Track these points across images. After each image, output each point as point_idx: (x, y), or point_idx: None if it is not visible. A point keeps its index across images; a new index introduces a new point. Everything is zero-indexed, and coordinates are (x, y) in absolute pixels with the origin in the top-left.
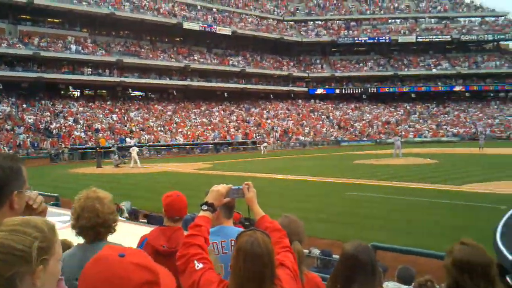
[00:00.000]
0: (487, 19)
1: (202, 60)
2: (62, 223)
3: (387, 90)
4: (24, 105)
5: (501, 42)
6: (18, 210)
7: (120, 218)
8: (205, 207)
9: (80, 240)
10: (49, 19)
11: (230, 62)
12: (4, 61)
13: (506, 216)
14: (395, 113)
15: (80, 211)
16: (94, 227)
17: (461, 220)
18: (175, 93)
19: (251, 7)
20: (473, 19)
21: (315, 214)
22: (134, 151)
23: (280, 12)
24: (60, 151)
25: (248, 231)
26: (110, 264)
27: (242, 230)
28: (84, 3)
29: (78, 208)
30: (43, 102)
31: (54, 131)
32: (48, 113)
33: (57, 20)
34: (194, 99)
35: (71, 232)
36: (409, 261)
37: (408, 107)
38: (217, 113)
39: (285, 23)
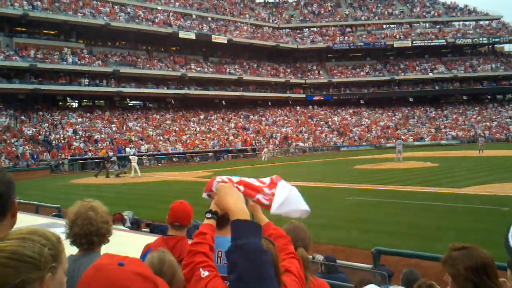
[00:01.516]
0: (481, 22)
1: (199, 68)
2: (64, 234)
3: (385, 95)
4: (23, 117)
5: (495, 45)
6: (16, 216)
7: (123, 227)
8: (209, 215)
9: (73, 251)
10: (44, 31)
11: (227, 70)
12: (1, 74)
13: None
14: (393, 118)
15: (74, 219)
16: (87, 235)
17: (463, 222)
18: (173, 102)
19: (246, 15)
20: (467, 23)
21: (318, 219)
22: (134, 160)
23: (275, 20)
24: (60, 162)
25: None
26: (110, 273)
27: None
28: (79, 14)
29: (72, 216)
30: (41, 113)
31: (54, 142)
32: (47, 124)
33: (53, 32)
34: (192, 107)
35: (67, 241)
36: (413, 264)
37: (406, 111)
38: (215, 121)
39: (281, 30)
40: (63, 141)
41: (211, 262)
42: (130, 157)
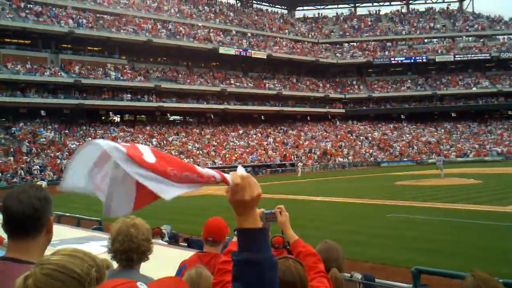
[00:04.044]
0: None
1: (238, 84)
2: (104, 247)
3: (426, 110)
4: (67, 131)
5: None
6: (52, 233)
7: (161, 241)
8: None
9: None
10: (89, 48)
11: (266, 85)
12: (47, 89)
13: None
14: (435, 133)
15: (115, 235)
16: (127, 251)
17: (508, 242)
18: (212, 117)
19: (286, 31)
20: None
21: (357, 236)
22: None
23: (315, 35)
24: None
25: (280, 259)
26: None
27: None
28: (122, 31)
29: (114, 232)
30: (84, 127)
31: None
32: (90, 138)
33: (97, 48)
34: (231, 122)
35: (108, 256)
36: (455, 284)
37: (448, 127)
38: (254, 136)
39: (320, 45)
40: None
41: None
42: None
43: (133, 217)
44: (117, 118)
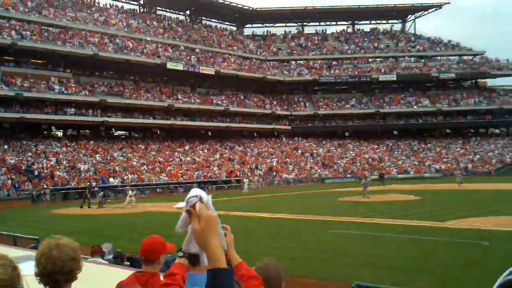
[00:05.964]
0: (464, 57)
1: (186, 99)
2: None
3: (370, 127)
4: (6, 146)
5: (478, 80)
6: None
7: (102, 260)
8: (180, 253)
9: None
10: (32, 60)
11: (214, 101)
12: None
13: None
14: (378, 150)
15: (39, 258)
16: (50, 274)
17: (446, 256)
18: (159, 132)
19: (234, 47)
20: (451, 57)
21: (298, 252)
22: (131, 193)
23: (263, 52)
24: (42, 192)
25: None
26: None
27: None
28: (68, 44)
29: (38, 255)
30: (24, 142)
31: (36, 171)
32: (30, 153)
33: (41, 61)
34: (178, 138)
35: (36, 279)
36: None
37: (390, 144)
38: (201, 152)
39: (268, 62)
40: (46, 171)
41: None
42: (129, 192)
43: (60, 236)
44: (59, 133)
